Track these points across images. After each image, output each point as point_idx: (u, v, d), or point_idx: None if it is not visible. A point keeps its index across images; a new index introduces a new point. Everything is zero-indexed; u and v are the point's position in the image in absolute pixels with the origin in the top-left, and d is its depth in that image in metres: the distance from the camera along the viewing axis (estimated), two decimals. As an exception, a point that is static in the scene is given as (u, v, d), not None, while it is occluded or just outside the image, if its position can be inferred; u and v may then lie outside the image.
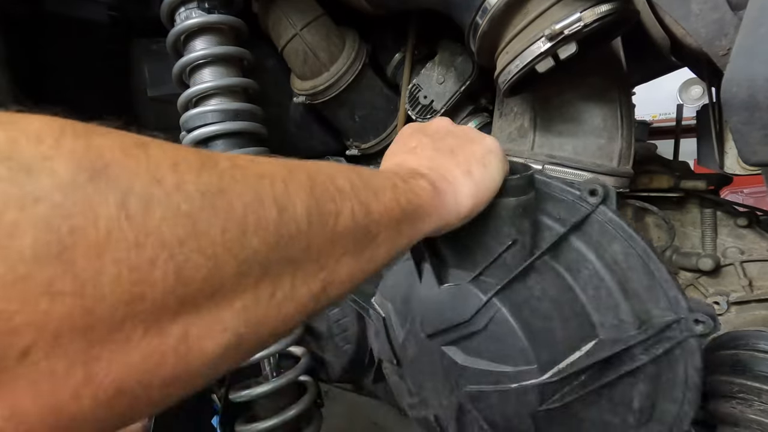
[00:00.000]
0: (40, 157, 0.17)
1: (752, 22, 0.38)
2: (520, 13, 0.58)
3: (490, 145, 0.44)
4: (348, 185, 0.30)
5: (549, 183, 0.47)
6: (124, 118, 0.28)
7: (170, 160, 0.21)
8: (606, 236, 0.45)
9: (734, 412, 0.60)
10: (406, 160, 0.43)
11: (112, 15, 0.90)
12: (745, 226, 0.80)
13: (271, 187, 0.24)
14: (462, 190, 0.40)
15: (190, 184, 0.20)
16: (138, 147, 0.20)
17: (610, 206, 0.45)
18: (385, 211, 0.32)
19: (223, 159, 0.24)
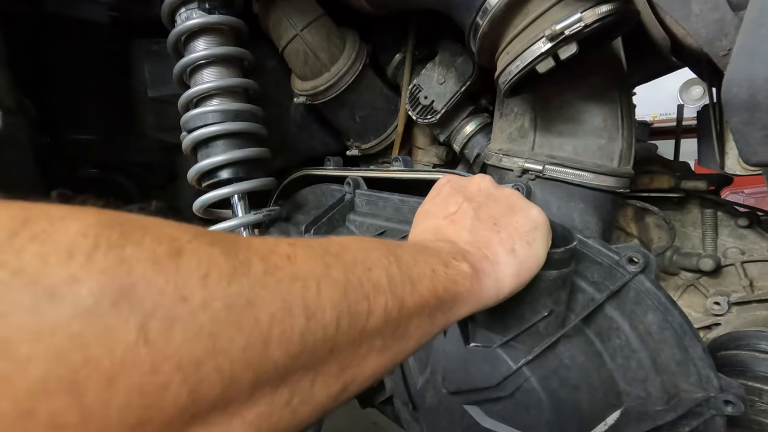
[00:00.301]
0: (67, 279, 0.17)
1: (753, 23, 0.38)
2: (520, 13, 0.57)
3: (535, 218, 0.42)
4: (385, 278, 0.29)
5: (587, 243, 0.46)
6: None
7: (201, 270, 0.20)
8: (641, 306, 0.43)
9: (735, 413, 0.60)
10: (445, 229, 0.41)
11: (113, 15, 0.90)
12: (746, 226, 0.79)
13: (302, 292, 0.24)
14: (504, 271, 0.38)
15: (217, 300, 0.20)
16: (170, 258, 0.20)
17: (648, 275, 0.43)
18: (420, 303, 0.31)
19: (258, 261, 0.23)
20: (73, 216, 0.19)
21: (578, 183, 0.68)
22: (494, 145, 0.78)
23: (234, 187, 0.70)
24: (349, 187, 0.76)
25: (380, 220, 0.70)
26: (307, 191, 0.89)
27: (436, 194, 0.47)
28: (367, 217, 0.73)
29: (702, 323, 0.79)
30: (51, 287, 0.16)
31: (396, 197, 0.68)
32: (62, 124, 1.01)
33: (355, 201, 0.76)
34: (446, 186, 0.47)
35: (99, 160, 1.10)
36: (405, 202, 0.66)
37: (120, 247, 0.19)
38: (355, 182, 0.76)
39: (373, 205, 0.73)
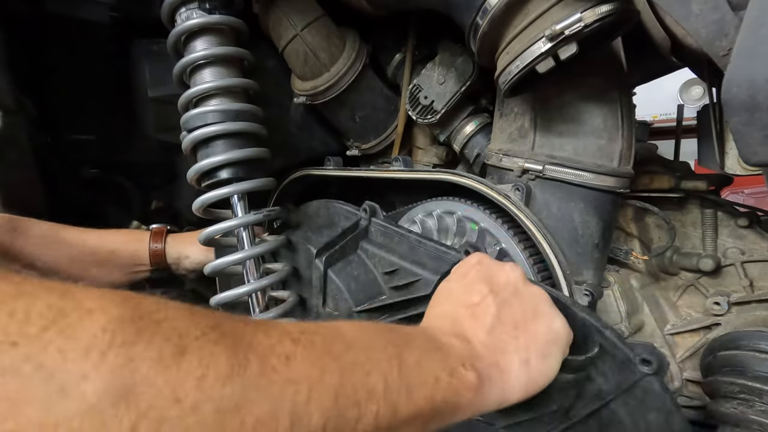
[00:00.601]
0: (79, 377, 0.19)
1: (753, 23, 0.38)
2: (520, 13, 0.57)
3: (557, 330, 0.41)
4: (381, 384, 0.30)
5: (603, 334, 0.45)
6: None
7: (200, 371, 0.23)
8: (645, 405, 0.43)
9: (735, 413, 0.60)
10: (463, 322, 0.40)
11: (113, 15, 0.90)
12: (746, 226, 0.79)
13: (293, 397, 0.25)
14: (512, 383, 0.38)
15: (208, 402, 0.22)
16: (173, 357, 0.22)
17: (659, 378, 0.43)
18: (414, 412, 0.31)
19: (256, 361, 0.25)
20: (100, 309, 0.22)
21: (578, 183, 0.68)
22: (494, 145, 0.78)
23: (234, 187, 0.70)
24: (365, 214, 0.74)
25: (394, 257, 0.68)
26: (320, 205, 0.87)
27: (463, 275, 0.46)
28: (381, 249, 0.71)
29: (702, 323, 0.79)
30: (63, 383, 0.19)
31: (413, 237, 0.66)
32: (62, 124, 1.01)
33: (370, 229, 0.74)
34: (474, 269, 0.46)
35: (99, 160, 1.10)
36: (422, 243, 0.64)
37: (131, 345, 0.21)
38: (372, 209, 0.74)
39: (387, 238, 0.71)
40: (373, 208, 0.74)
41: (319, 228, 0.80)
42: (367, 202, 0.75)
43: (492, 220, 0.71)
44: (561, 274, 0.66)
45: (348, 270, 0.72)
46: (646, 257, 0.84)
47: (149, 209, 1.24)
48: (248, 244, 0.73)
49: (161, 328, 0.23)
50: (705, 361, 0.74)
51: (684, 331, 0.81)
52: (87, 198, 1.13)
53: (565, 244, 0.69)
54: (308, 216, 0.88)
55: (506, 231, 0.70)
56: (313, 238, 0.78)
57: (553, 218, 0.70)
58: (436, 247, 0.62)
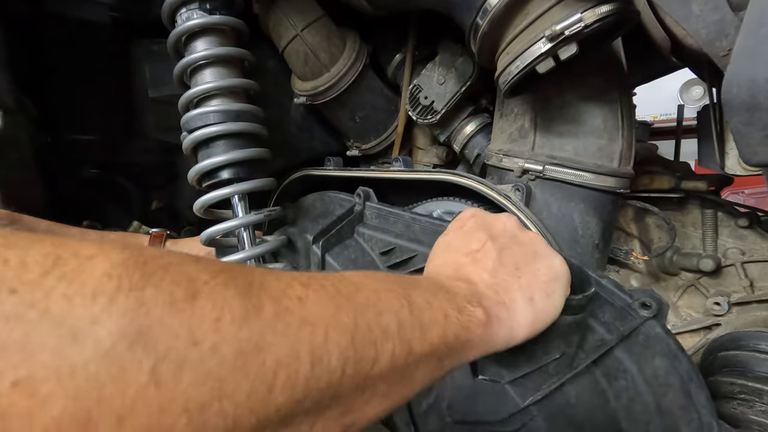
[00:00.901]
0: (90, 321, 0.18)
1: (753, 23, 0.38)
2: (520, 13, 0.58)
3: (557, 269, 0.41)
4: (395, 323, 0.29)
5: (600, 283, 0.46)
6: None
7: (215, 314, 0.22)
8: (650, 350, 0.44)
9: (735, 413, 0.60)
10: (466, 267, 0.41)
11: (113, 16, 0.90)
12: (746, 226, 0.79)
13: (310, 337, 0.25)
14: (519, 320, 0.38)
15: (227, 344, 0.21)
16: (186, 300, 0.21)
17: (660, 321, 0.43)
18: (429, 349, 0.31)
19: (269, 304, 0.24)
20: (101, 255, 0.20)
21: (578, 183, 0.68)
22: (494, 146, 0.78)
23: (234, 187, 0.70)
24: (359, 199, 0.75)
25: (390, 236, 0.69)
26: (315, 197, 0.88)
27: (459, 227, 0.46)
28: (377, 231, 0.72)
29: (702, 323, 0.79)
30: (74, 329, 0.18)
31: (407, 214, 0.67)
32: (63, 125, 1.01)
33: (364, 213, 0.75)
34: (471, 220, 0.46)
35: (99, 160, 1.10)
36: (416, 220, 0.65)
37: (140, 289, 0.20)
38: (366, 194, 0.75)
39: (383, 220, 0.72)
40: (367, 192, 0.75)
41: (315, 218, 0.80)
42: (360, 188, 0.76)
43: (492, 220, 0.71)
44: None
45: (345, 254, 0.72)
46: (646, 257, 0.84)
47: (149, 209, 1.24)
48: (249, 244, 0.73)
49: (169, 272, 0.22)
50: (705, 362, 0.74)
51: (684, 331, 0.81)
52: (87, 198, 1.13)
53: (566, 244, 0.69)
54: (304, 209, 0.88)
55: (506, 231, 0.70)
56: (309, 227, 0.78)
57: (554, 218, 0.70)
58: (431, 221, 0.63)
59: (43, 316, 0.18)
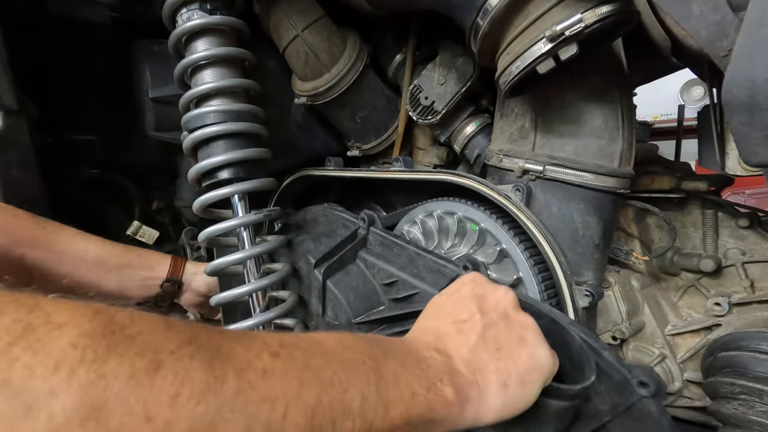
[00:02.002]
0: (47, 393, 0.19)
1: (753, 23, 0.38)
2: (521, 14, 0.58)
3: (540, 360, 0.41)
4: (358, 401, 0.30)
5: (600, 354, 0.46)
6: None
7: (174, 388, 0.22)
8: (641, 425, 0.43)
9: (736, 413, 0.60)
10: (447, 337, 0.41)
11: (114, 16, 0.90)
12: (747, 227, 0.79)
13: (268, 415, 0.25)
14: (489, 403, 0.38)
15: (181, 421, 0.22)
16: (147, 372, 0.22)
17: (657, 400, 0.43)
18: (388, 428, 0.31)
19: (233, 376, 0.24)
20: (71, 323, 0.21)
21: (579, 183, 0.68)
22: (495, 146, 0.78)
23: (234, 187, 0.70)
24: (363, 223, 0.74)
25: (393, 267, 0.68)
26: (318, 212, 0.86)
27: (455, 290, 0.47)
28: (380, 259, 0.71)
29: (703, 324, 0.79)
30: (30, 401, 0.18)
31: (412, 248, 0.66)
32: (64, 125, 1.01)
33: (368, 238, 0.74)
34: (467, 287, 0.46)
35: (100, 160, 1.10)
36: (421, 256, 0.64)
37: (103, 361, 0.21)
38: (370, 218, 0.74)
39: (386, 249, 0.70)
40: (372, 217, 0.74)
41: (318, 236, 0.80)
42: (365, 211, 0.75)
43: (492, 220, 0.71)
44: (561, 274, 0.66)
45: (347, 281, 0.71)
46: (646, 258, 0.84)
47: (150, 209, 1.25)
48: (249, 244, 0.73)
49: (135, 342, 0.22)
50: (706, 362, 0.74)
51: (685, 331, 0.81)
52: (88, 198, 1.13)
53: (566, 244, 0.69)
54: (307, 222, 0.88)
55: (507, 231, 0.70)
56: (312, 247, 0.78)
57: (554, 219, 0.70)
58: (435, 260, 0.62)
59: (2, 387, 0.18)
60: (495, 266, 0.72)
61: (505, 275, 0.71)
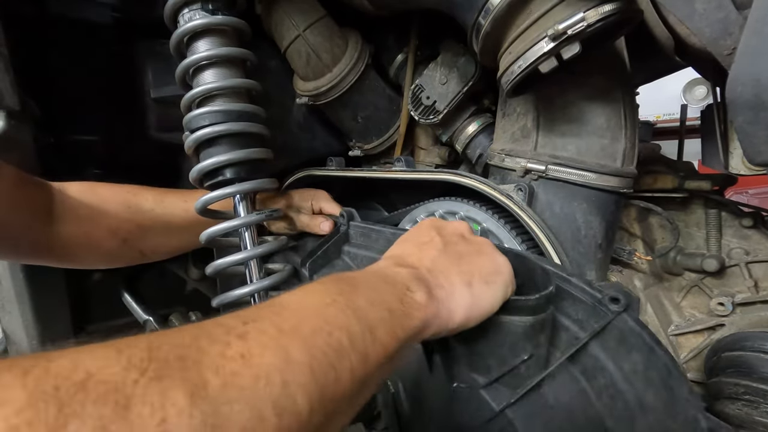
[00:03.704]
0: None
1: (757, 22, 0.37)
2: (523, 13, 0.57)
3: (500, 264, 0.43)
4: (346, 338, 0.29)
5: (569, 281, 0.46)
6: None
7: (157, 416, 0.19)
8: (625, 345, 0.44)
9: (740, 414, 0.60)
10: (410, 256, 0.43)
11: (116, 16, 0.90)
12: (750, 226, 0.79)
13: (268, 390, 0.24)
14: (457, 301, 0.39)
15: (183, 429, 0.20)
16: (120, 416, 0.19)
17: (632, 314, 0.44)
18: (382, 351, 0.32)
19: (212, 376, 0.22)
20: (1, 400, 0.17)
21: (581, 183, 0.68)
22: (497, 145, 0.78)
23: (236, 187, 0.70)
24: (343, 219, 0.79)
25: (373, 252, 0.72)
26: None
27: (415, 228, 0.50)
28: (361, 248, 0.75)
29: (706, 324, 0.79)
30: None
31: (388, 230, 0.70)
32: (66, 125, 1.01)
33: (349, 233, 0.79)
34: (425, 222, 0.50)
35: (102, 160, 1.10)
36: (396, 234, 0.68)
37: (62, 428, 0.17)
38: (349, 214, 0.79)
39: (366, 237, 0.75)
40: (350, 213, 0.80)
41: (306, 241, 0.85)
42: (344, 209, 0.80)
43: (494, 220, 0.71)
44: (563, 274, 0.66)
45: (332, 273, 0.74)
46: (649, 257, 0.83)
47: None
48: (250, 244, 0.73)
49: (88, 390, 0.19)
50: (709, 362, 0.73)
51: (688, 331, 0.81)
52: (90, 198, 1.13)
53: (568, 244, 0.69)
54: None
55: (509, 231, 0.70)
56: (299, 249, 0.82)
57: (556, 218, 0.70)
58: None
59: None
60: (497, 266, 0.72)
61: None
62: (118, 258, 0.79)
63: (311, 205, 0.87)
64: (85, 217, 0.71)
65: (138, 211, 0.76)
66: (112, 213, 0.73)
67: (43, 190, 0.68)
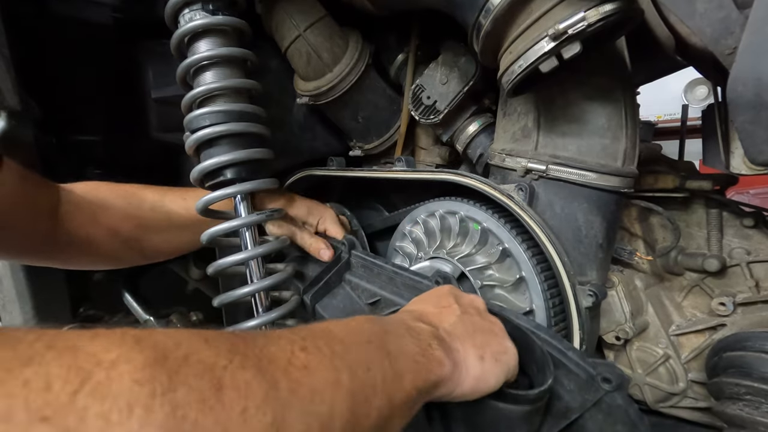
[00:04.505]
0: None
1: (758, 21, 0.37)
2: (523, 12, 0.57)
3: (509, 348, 0.45)
4: (380, 377, 0.31)
5: (565, 354, 0.49)
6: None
7: (241, 404, 0.23)
8: (611, 418, 0.47)
9: (741, 414, 0.60)
10: (430, 314, 0.45)
11: (116, 17, 0.90)
12: (752, 226, 0.79)
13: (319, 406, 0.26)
14: (468, 372, 0.40)
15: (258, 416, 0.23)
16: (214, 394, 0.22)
17: (621, 394, 0.47)
18: (405, 398, 0.33)
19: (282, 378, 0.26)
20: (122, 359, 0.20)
21: (582, 183, 0.68)
22: (497, 145, 0.78)
23: (237, 187, 0.70)
24: (344, 247, 0.79)
25: (375, 287, 0.73)
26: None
27: (435, 291, 0.51)
28: (363, 280, 0.75)
29: (707, 324, 0.79)
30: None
31: (389, 267, 0.71)
32: (67, 125, 1.01)
33: (351, 261, 0.79)
34: (445, 288, 0.51)
35: (103, 160, 1.10)
36: (398, 274, 0.69)
37: (172, 391, 0.20)
38: (350, 243, 0.79)
39: (368, 270, 0.75)
40: (352, 241, 0.80)
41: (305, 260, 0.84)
42: (346, 236, 0.81)
43: (495, 220, 0.71)
44: (564, 274, 0.66)
45: (334, 303, 0.76)
46: (650, 257, 0.83)
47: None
48: (251, 244, 0.73)
49: (190, 365, 0.22)
50: (710, 362, 0.73)
51: (689, 331, 0.81)
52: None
53: (569, 244, 0.69)
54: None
55: (509, 231, 0.70)
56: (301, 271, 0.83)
57: (557, 218, 0.69)
58: (411, 277, 0.67)
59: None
60: (497, 266, 0.71)
61: (507, 275, 0.71)
62: (118, 259, 0.79)
63: (317, 223, 0.86)
64: (88, 217, 0.71)
65: (138, 208, 0.76)
66: (112, 211, 0.73)
67: (49, 189, 0.68)
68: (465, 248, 0.75)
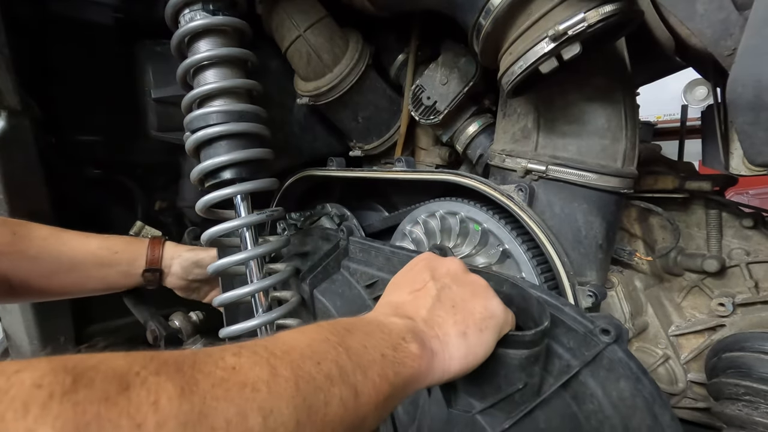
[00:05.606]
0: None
1: (758, 22, 0.37)
2: (523, 13, 0.57)
3: (493, 309, 0.44)
4: (336, 369, 0.31)
5: (562, 310, 0.49)
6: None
7: (152, 397, 0.22)
8: (614, 374, 0.46)
9: (740, 415, 0.60)
10: (406, 306, 0.44)
11: (117, 17, 0.90)
12: (751, 227, 0.79)
13: (253, 395, 0.26)
14: (452, 353, 0.41)
15: (171, 419, 0.22)
16: (120, 393, 0.22)
17: (621, 346, 0.46)
18: (373, 390, 0.33)
19: (203, 378, 0.25)
20: (28, 368, 0.21)
21: (582, 183, 0.68)
22: (497, 146, 0.78)
23: (237, 187, 0.70)
24: (343, 234, 0.79)
25: (372, 269, 0.73)
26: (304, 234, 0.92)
27: (409, 269, 0.50)
28: (361, 264, 0.76)
29: (707, 324, 0.79)
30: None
31: (387, 248, 0.71)
32: (67, 125, 1.01)
33: (349, 248, 0.79)
34: (420, 263, 0.50)
35: (103, 160, 1.10)
36: (395, 253, 0.70)
37: (73, 392, 0.21)
38: (349, 229, 0.80)
39: (366, 253, 0.76)
40: (350, 228, 0.80)
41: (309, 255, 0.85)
42: (344, 224, 0.82)
43: (495, 220, 0.71)
44: (564, 274, 0.66)
45: (333, 288, 0.77)
46: (650, 258, 0.83)
47: (153, 209, 1.25)
48: (251, 244, 0.73)
49: (99, 371, 0.22)
50: (710, 363, 0.73)
51: (688, 332, 0.81)
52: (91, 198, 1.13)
53: (569, 244, 0.69)
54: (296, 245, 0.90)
55: (509, 232, 0.70)
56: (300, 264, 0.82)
57: (557, 219, 0.70)
58: (407, 254, 0.67)
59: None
60: (498, 266, 0.72)
61: (507, 275, 0.71)
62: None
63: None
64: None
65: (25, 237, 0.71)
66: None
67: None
68: (465, 249, 0.75)
